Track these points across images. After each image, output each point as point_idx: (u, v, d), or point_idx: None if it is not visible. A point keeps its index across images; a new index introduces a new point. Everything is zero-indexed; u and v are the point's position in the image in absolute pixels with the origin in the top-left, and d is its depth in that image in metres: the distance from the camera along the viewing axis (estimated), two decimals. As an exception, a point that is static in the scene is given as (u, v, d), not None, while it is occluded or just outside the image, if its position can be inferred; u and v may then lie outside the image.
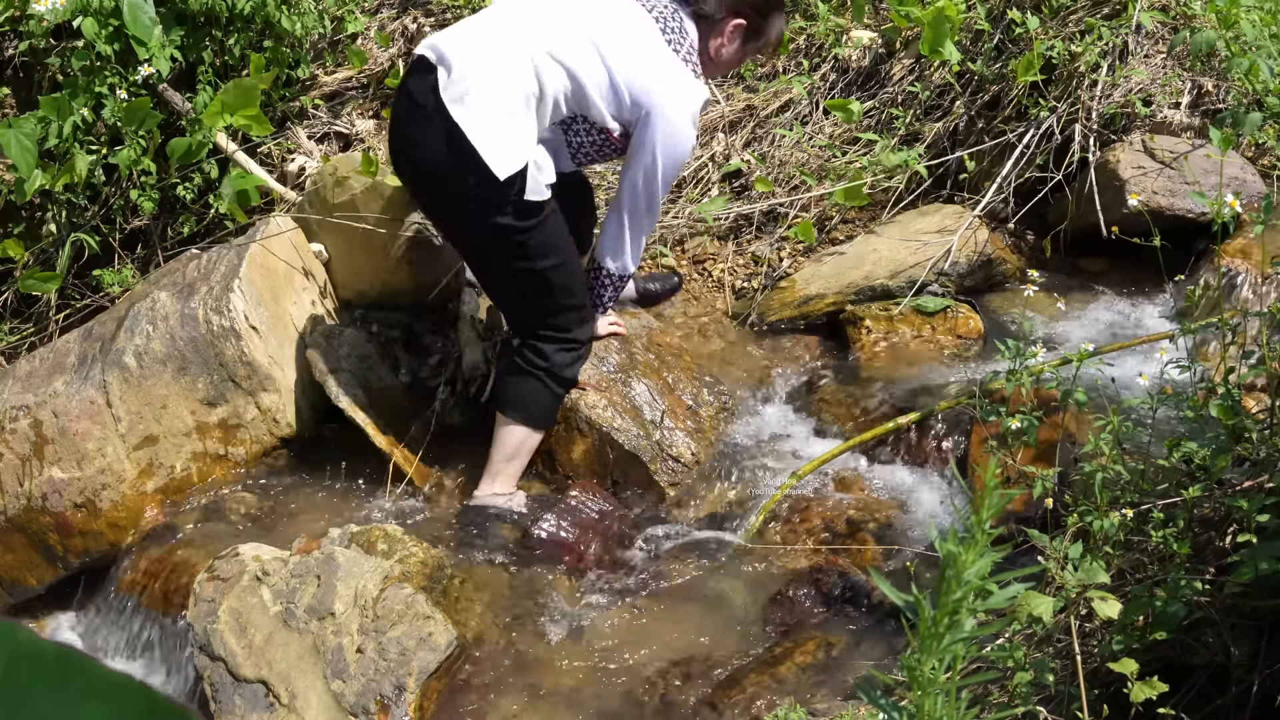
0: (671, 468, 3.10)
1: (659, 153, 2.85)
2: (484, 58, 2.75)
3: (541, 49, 2.76)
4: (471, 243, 2.94)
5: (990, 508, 1.20)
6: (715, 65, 3.01)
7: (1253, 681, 1.91)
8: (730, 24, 2.93)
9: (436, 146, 2.74)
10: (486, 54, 2.76)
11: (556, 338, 2.97)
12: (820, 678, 2.54)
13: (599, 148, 2.95)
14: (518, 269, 2.88)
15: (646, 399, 3.17)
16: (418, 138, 2.79)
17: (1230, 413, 2.10)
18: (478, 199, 2.75)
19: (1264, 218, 2.17)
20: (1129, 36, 3.87)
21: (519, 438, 3.03)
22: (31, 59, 4.26)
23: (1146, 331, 3.38)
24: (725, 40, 2.95)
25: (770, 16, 2.98)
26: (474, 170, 2.71)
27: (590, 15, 2.85)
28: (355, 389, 3.15)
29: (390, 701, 2.47)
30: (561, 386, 3.02)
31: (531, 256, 2.85)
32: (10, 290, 4.14)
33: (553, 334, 2.97)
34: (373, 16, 4.59)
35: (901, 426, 3.09)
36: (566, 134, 2.92)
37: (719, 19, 2.92)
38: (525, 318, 3.00)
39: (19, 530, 3.14)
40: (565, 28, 2.82)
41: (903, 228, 3.76)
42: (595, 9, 2.88)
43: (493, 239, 2.84)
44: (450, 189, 2.79)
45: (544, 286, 2.91)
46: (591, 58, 2.80)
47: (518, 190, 2.75)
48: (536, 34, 2.78)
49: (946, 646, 1.18)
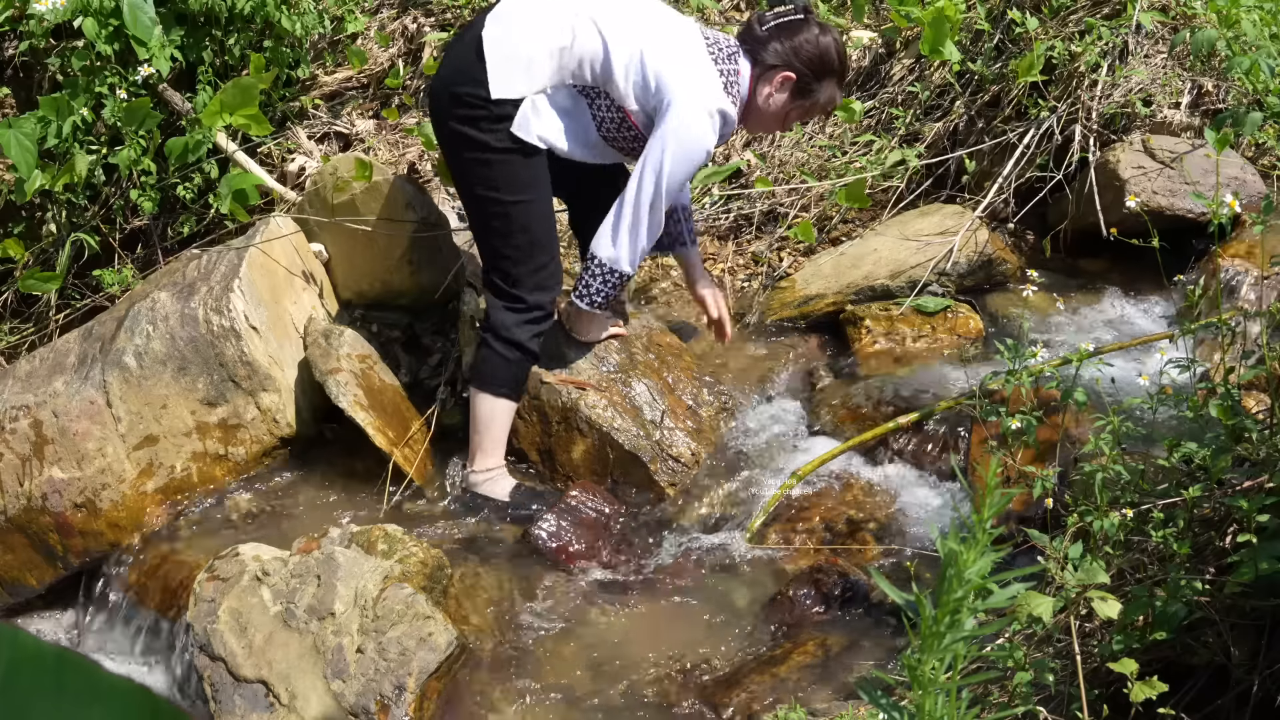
0: (671, 468, 3.10)
1: (671, 146, 2.87)
2: (532, 3, 2.95)
3: (586, 12, 2.90)
4: (451, 159, 3.05)
5: (991, 507, 1.20)
6: (761, 116, 3.04)
7: (1253, 681, 1.91)
8: (780, 75, 2.97)
9: (456, 60, 2.97)
10: (536, 2, 2.95)
11: (504, 290, 3.01)
12: (820, 678, 2.54)
13: (618, 126, 2.99)
14: (480, 194, 2.97)
15: (647, 399, 3.17)
16: (449, 57, 3.04)
17: (1230, 413, 2.10)
18: (468, 110, 2.91)
19: (1263, 218, 2.17)
20: (1129, 36, 3.88)
21: (481, 407, 3.07)
22: (31, 59, 4.26)
23: (1146, 331, 3.38)
24: (773, 90, 2.99)
25: (823, 80, 3.02)
26: (472, 82, 2.89)
27: (649, 12, 2.98)
28: (355, 389, 3.15)
29: (390, 701, 2.47)
30: (510, 349, 3.02)
31: (497, 185, 2.94)
32: (10, 290, 4.14)
33: (501, 284, 3.01)
34: (373, 16, 4.59)
35: (901, 426, 3.09)
36: (590, 105, 2.97)
37: (772, 66, 2.97)
38: (484, 257, 3.08)
39: (19, 530, 3.14)
40: (620, 6, 2.94)
41: (903, 228, 3.76)
42: (657, 12, 3.00)
43: (465, 155, 2.97)
44: (448, 99, 2.95)
45: (503, 221, 2.96)
46: (631, 36, 2.90)
47: (505, 116, 2.89)
48: (607, 11, 2.93)
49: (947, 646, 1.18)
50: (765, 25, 2.99)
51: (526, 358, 3.05)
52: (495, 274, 3.03)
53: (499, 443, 3.11)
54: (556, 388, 3.14)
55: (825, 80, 3.02)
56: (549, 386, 3.15)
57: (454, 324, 3.55)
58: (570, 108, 2.95)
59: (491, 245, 3.03)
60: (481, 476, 3.10)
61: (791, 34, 2.96)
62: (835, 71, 3.03)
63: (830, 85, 3.04)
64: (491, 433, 3.09)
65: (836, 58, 3.01)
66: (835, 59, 3.01)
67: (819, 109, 3.12)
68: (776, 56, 2.96)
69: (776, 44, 2.96)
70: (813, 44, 2.97)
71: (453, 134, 2.97)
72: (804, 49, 2.96)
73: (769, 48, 2.96)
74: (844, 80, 3.10)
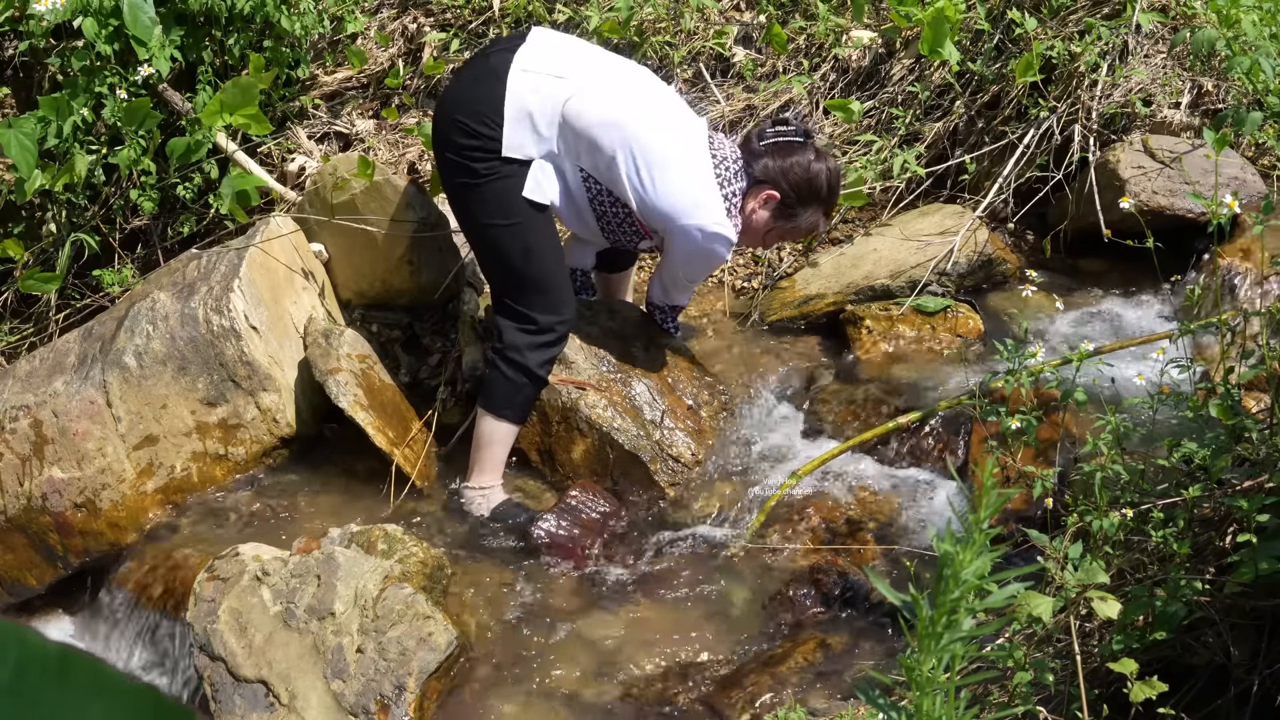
0: (671, 467, 3.10)
1: (683, 264, 3.06)
2: (569, 69, 2.95)
3: (614, 119, 2.90)
4: (446, 178, 3.07)
5: (988, 507, 1.20)
6: (747, 230, 3.06)
7: (1253, 681, 1.91)
8: (765, 192, 3.00)
9: (478, 91, 2.94)
10: (574, 69, 2.95)
11: (515, 311, 3.02)
12: (820, 678, 2.54)
13: (620, 221, 3.04)
14: (480, 221, 2.99)
15: (647, 399, 3.17)
16: (471, 75, 3.04)
17: (1230, 413, 2.10)
18: (471, 149, 2.92)
19: (1263, 218, 2.17)
20: (1129, 36, 3.87)
21: (483, 426, 3.09)
22: (31, 59, 4.26)
23: (1146, 331, 3.38)
24: (757, 206, 3.02)
25: (807, 205, 3.04)
26: (491, 126, 2.90)
27: (663, 114, 2.98)
28: (355, 389, 3.15)
29: (390, 701, 2.47)
30: (518, 374, 3.03)
31: (491, 211, 2.95)
32: (10, 290, 4.13)
33: (512, 305, 3.02)
34: (373, 16, 4.59)
35: (901, 426, 3.09)
36: (593, 200, 3.01)
37: (760, 181, 3.00)
38: (492, 280, 3.10)
39: (19, 530, 3.14)
40: (633, 95, 2.98)
41: (903, 228, 3.76)
42: (671, 114, 3.00)
43: (457, 180, 2.99)
44: (454, 127, 2.94)
45: (507, 242, 2.97)
46: (642, 147, 2.90)
47: (511, 174, 2.93)
48: (622, 100, 2.95)
49: (945, 646, 1.18)
50: (763, 141, 3.01)
51: (533, 384, 3.06)
52: (506, 296, 3.03)
53: (498, 463, 3.12)
54: (556, 387, 3.14)
55: (809, 206, 3.04)
56: (549, 386, 3.15)
57: (454, 324, 3.55)
58: (574, 189, 2.99)
59: (498, 268, 3.05)
60: (474, 494, 3.12)
61: (785, 155, 3.00)
62: (821, 199, 3.04)
63: (814, 212, 3.06)
64: (491, 452, 3.10)
65: (825, 186, 3.02)
66: (823, 187, 3.02)
67: (800, 233, 3.15)
68: (766, 173, 2.99)
69: (769, 160, 2.99)
70: (803, 169, 2.99)
71: (450, 162, 2.99)
72: (793, 171, 2.99)
73: (760, 163, 3.00)
74: (830, 209, 3.11)
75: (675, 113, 3.03)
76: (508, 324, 3.03)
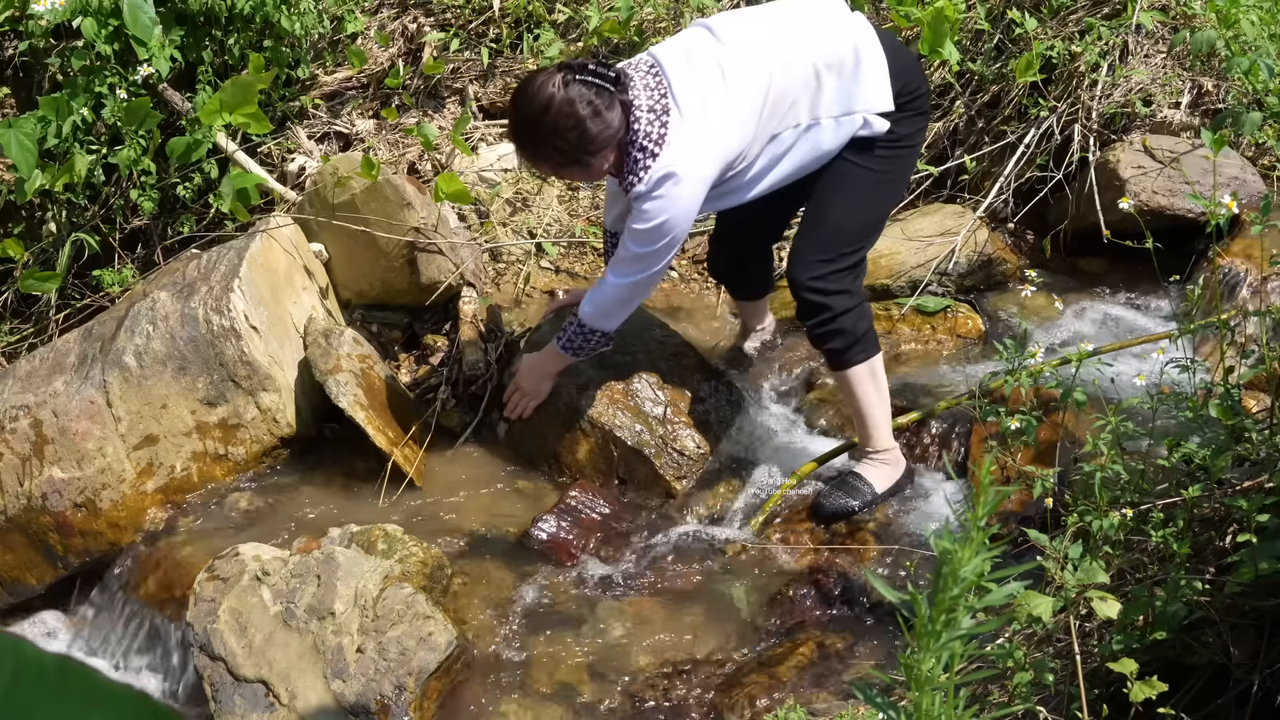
0: (677, 461, 3.09)
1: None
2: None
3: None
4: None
5: (986, 505, 1.20)
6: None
7: (1253, 681, 1.91)
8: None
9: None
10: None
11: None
12: (820, 678, 2.54)
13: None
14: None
15: (649, 395, 3.16)
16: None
17: (1230, 413, 2.10)
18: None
19: (1263, 218, 2.17)
20: (1129, 36, 3.87)
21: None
22: (31, 59, 4.26)
23: (1146, 331, 3.38)
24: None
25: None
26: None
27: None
28: (355, 389, 3.15)
29: (390, 701, 2.47)
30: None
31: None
32: (10, 290, 4.13)
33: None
34: (373, 16, 4.59)
35: (901, 426, 3.09)
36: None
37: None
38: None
39: (19, 530, 3.14)
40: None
41: (903, 228, 3.76)
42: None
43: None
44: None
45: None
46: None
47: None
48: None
49: (943, 645, 1.18)
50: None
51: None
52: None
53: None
54: (557, 389, 3.14)
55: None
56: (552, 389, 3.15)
57: (454, 324, 3.55)
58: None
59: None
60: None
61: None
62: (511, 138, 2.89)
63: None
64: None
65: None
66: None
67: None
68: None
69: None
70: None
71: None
72: None
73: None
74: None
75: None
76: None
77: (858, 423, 2.97)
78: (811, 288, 2.83)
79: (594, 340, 2.99)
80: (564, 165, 2.75)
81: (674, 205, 2.70)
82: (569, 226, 4.03)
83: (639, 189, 2.70)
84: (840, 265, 2.84)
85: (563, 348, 3.02)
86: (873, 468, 2.95)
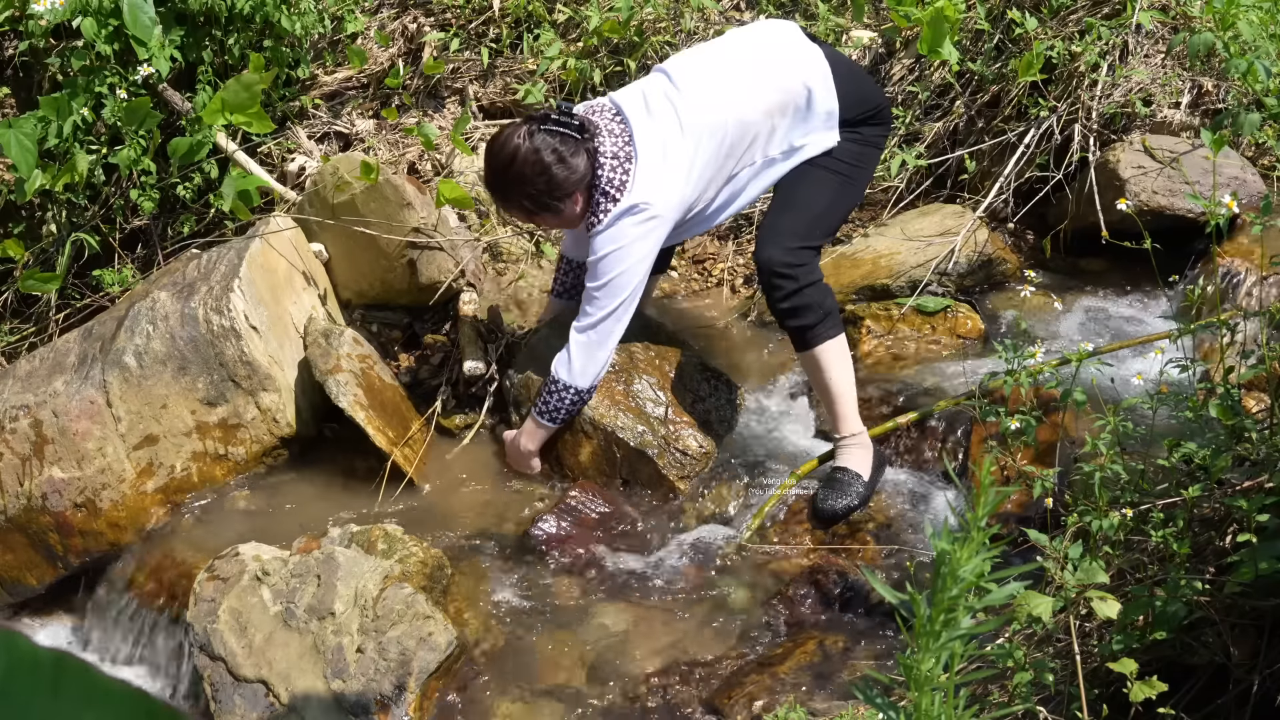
0: (680, 461, 3.09)
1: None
2: None
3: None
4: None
5: (986, 505, 1.20)
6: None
7: (1253, 681, 1.91)
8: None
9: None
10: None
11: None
12: (820, 678, 2.54)
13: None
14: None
15: (650, 395, 3.15)
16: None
17: (1230, 413, 2.10)
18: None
19: (1263, 218, 2.17)
20: (1129, 36, 3.87)
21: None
22: (31, 59, 4.26)
23: (1146, 331, 3.38)
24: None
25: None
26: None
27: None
28: (355, 389, 3.15)
29: (390, 701, 2.47)
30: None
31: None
32: (10, 290, 4.13)
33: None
34: (373, 16, 4.59)
35: (901, 426, 3.09)
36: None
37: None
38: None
39: (19, 530, 3.14)
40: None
41: (903, 228, 3.76)
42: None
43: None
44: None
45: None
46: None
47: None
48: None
49: (943, 645, 1.18)
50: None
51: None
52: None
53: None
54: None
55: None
56: None
57: (454, 324, 3.55)
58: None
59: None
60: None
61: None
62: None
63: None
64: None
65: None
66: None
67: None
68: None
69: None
70: None
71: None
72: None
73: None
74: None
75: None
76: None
77: (830, 405, 2.99)
78: (781, 262, 2.91)
79: (568, 400, 3.02)
80: (535, 212, 2.90)
81: (628, 236, 2.84)
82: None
83: (599, 227, 2.85)
84: (807, 243, 2.95)
85: (539, 414, 3.05)
86: (852, 454, 2.97)
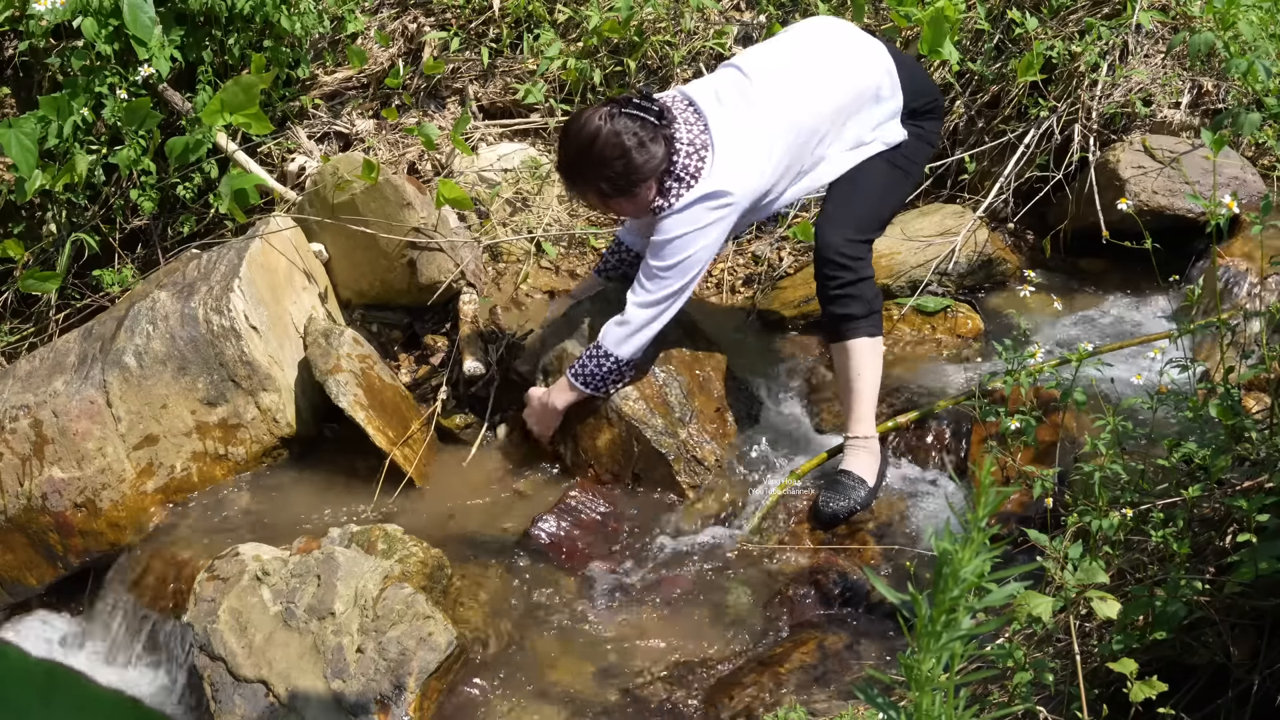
0: (694, 469, 3.07)
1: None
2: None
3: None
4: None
5: (986, 505, 1.20)
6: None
7: (1253, 681, 1.91)
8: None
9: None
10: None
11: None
12: (820, 678, 2.54)
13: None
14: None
15: (678, 398, 3.12)
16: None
17: (1230, 413, 2.10)
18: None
19: (1263, 218, 2.17)
20: (1129, 36, 3.87)
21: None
22: (31, 59, 4.26)
23: (1146, 331, 3.38)
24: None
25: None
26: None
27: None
28: (355, 389, 3.15)
29: (390, 701, 2.47)
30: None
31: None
32: (10, 290, 4.13)
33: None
34: (373, 16, 4.59)
35: (901, 426, 3.09)
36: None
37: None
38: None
39: (19, 530, 3.14)
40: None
41: (903, 228, 3.76)
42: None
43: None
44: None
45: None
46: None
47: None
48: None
49: (943, 645, 1.18)
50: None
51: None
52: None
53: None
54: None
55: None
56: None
57: (454, 324, 3.55)
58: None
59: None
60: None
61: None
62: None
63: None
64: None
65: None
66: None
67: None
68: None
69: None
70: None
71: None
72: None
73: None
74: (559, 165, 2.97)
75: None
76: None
77: (849, 402, 2.98)
78: (843, 252, 2.93)
79: (607, 367, 2.98)
80: (612, 196, 2.87)
81: (702, 220, 2.83)
82: (569, 226, 4.04)
83: (670, 210, 2.84)
84: (866, 236, 3.00)
85: (574, 375, 3.02)
86: (859, 457, 2.96)
